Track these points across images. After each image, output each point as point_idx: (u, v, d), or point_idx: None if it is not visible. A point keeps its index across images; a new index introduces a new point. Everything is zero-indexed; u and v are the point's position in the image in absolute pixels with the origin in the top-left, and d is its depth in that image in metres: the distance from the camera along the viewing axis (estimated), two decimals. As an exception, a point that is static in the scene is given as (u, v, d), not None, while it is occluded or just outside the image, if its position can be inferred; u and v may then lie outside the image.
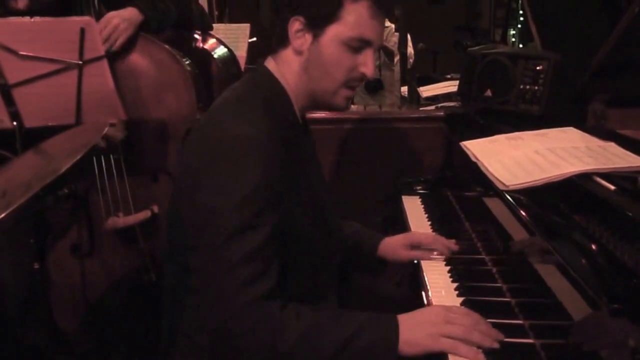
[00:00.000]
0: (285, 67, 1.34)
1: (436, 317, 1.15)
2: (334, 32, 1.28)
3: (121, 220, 1.97)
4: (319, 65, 1.31)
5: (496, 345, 1.11)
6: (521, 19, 4.82)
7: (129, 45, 1.93)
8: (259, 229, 1.16)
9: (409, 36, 4.31)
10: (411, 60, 4.35)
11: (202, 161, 1.23)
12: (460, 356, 1.10)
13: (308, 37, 1.30)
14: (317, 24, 1.29)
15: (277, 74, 1.34)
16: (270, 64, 1.36)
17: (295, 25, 1.30)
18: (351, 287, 1.63)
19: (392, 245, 1.60)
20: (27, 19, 1.76)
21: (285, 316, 1.13)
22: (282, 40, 1.34)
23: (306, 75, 1.33)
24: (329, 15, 1.28)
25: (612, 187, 1.15)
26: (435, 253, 1.54)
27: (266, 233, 1.16)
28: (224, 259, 1.14)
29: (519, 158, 1.37)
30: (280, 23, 1.34)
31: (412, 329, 1.14)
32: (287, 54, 1.34)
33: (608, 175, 1.20)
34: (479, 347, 1.10)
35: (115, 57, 1.90)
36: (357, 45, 1.30)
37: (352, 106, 4.58)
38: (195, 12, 2.39)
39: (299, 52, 1.32)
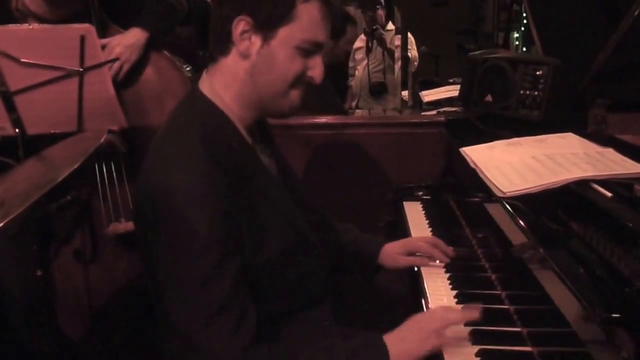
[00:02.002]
0: (222, 78, 1.23)
1: (415, 324, 1.18)
2: (286, 35, 1.18)
3: (122, 226, 1.98)
4: (268, 70, 1.20)
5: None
6: (525, 21, 4.81)
7: None
8: (222, 277, 1.11)
9: (413, 39, 4.31)
10: (415, 64, 4.34)
11: (148, 212, 1.16)
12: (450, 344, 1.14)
13: (256, 39, 1.19)
14: (267, 26, 1.18)
15: (212, 97, 1.24)
16: (204, 85, 1.26)
17: (241, 25, 1.18)
18: (351, 284, 1.64)
19: (390, 253, 1.58)
20: (26, 26, 1.77)
21: (276, 357, 1.12)
22: (223, 45, 1.21)
23: (251, 82, 1.22)
24: (281, 16, 1.17)
25: (609, 194, 1.15)
26: (435, 261, 1.53)
27: (231, 278, 1.12)
28: (196, 317, 1.11)
29: (516, 164, 1.37)
30: (220, 23, 1.20)
31: (399, 344, 1.15)
32: (229, 61, 1.22)
33: (605, 182, 1.20)
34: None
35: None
36: (309, 49, 1.21)
37: (357, 110, 4.60)
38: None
39: (244, 56, 1.20)
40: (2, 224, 0.99)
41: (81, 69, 1.74)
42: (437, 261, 1.52)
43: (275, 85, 1.23)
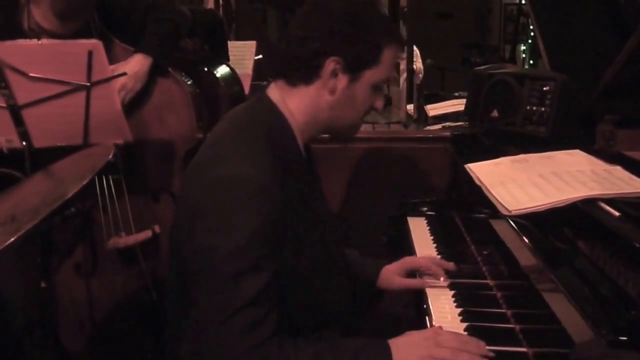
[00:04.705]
0: (298, 101, 1.29)
1: (426, 340, 1.17)
2: (370, 76, 1.28)
3: (122, 240, 1.98)
4: (349, 106, 1.29)
5: None
6: (532, 34, 4.81)
7: None
8: (258, 274, 1.14)
9: (418, 51, 4.31)
10: (420, 76, 4.34)
11: (201, 199, 1.19)
12: None
13: (343, 78, 1.26)
14: (356, 68, 1.26)
15: (281, 107, 1.30)
16: (274, 94, 1.31)
17: (332, 65, 1.25)
18: (355, 309, 1.62)
19: (388, 275, 1.55)
20: (35, 41, 1.79)
21: (283, 354, 1.13)
22: (307, 75, 1.27)
23: (330, 113, 1.29)
24: (370, 60, 1.26)
25: (617, 214, 1.14)
26: (440, 280, 1.49)
27: (266, 278, 1.15)
28: (222, 305, 1.13)
29: (522, 182, 1.36)
30: (309, 56, 1.26)
31: (403, 351, 1.16)
32: (310, 91, 1.28)
33: (613, 201, 1.19)
34: None
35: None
36: (381, 86, 1.33)
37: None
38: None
39: (331, 92, 1.27)
40: (13, 239, 1.00)
41: (88, 84, 1.75)
42: (442, 279, 1.49)
43: (353, 119, 1.34)
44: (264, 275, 1.14)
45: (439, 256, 1.66)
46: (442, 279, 1.49)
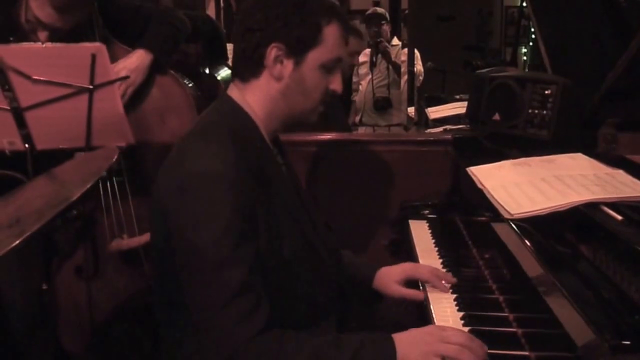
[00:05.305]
0: (253, 95, 1.32)
1: (430, 336, 1.18)
2: (315, 57, 1.29)
3: (125, 242, 1.98)
4: (300, 90, 1.31)
5: None
6: (533, 36, 4.81)
7: None
8: (240, 262, 1.16)
9: (418, 53, 4.32)
10: (421, 78, 4.35)
11: (170, 198, 1.22)
12: None
13: (288, 63, 1.28)
14: (298, 51, 1.28)
15: (241, 103, 1.32)
16: (233, 92, 1.34)
17: (274, 52, 1.27)
18: (352, 310, 1.62)
19: (386, 279, 1.54)
20: (39, 44, 1.79)
21: (286, 347, 1.14)
22: (255, 68, 1.30)
23: (284, 101, 1.32)
24: (310, 40, 1.28)
25: (619, 217, 1.14)
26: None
27: (248, 265, 1.17)
28: (209, 301, 1.15)
29: (524, 185, 1.36)
30: (251, 48, 1.29)
31: (407, 347, 1.17)
32: (260, 82, 1.31)
33: (615, 205, 1.19)
34: None
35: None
36: (332, 66, 1.32)
37: (360, 127, 4.59)
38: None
39: (277, 79, 1.29)
40: (18, 241, 1.00)
41: (91, 87, 1.75)
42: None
43: (307, 103, 1.34)
44: (244, 266, 1.16)
45: (440, 259, 1.67)
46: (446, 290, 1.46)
